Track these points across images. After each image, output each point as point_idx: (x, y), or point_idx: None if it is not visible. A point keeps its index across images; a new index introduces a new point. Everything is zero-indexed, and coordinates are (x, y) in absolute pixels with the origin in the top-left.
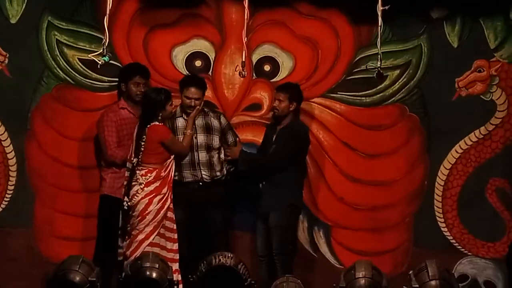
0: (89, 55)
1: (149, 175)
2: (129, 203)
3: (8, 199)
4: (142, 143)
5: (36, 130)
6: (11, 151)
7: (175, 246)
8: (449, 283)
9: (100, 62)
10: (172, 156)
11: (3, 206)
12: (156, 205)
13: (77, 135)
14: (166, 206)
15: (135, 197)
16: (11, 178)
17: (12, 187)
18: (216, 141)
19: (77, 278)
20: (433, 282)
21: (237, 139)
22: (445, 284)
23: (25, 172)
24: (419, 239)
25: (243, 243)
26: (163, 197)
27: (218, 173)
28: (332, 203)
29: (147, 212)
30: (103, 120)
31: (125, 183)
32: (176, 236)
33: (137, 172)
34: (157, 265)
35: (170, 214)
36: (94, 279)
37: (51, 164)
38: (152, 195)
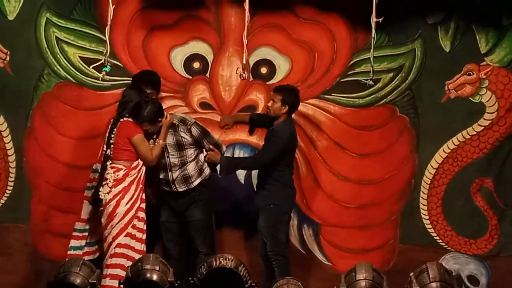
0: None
1: (117, 173)
2: (103, 197)
3: (8, 195)
4: (112, 136)
5: (35, 128)
6: (11, 148)
7: (143, 247)
8: (450, 285)
9: (101, 75)
10: None
11: (2, 201)
12: (124, 206)
13: (76, 134)
14: (135, 207)
15: (105, 197)
16: (11, 175)
17: (12, 183)
18: (190, 154)
19: (78, 281)
20: (433, 284)
21: (211, 146)
22: (445, 286)
23: (23, 168)
24: (404, 236)
25: (243, 242)
26: (131, 199)
27: (196, 181)
28: (322, 201)
29: (115, 214)
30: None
31: (94, 183)
32: (145, 236)
33: (108, 170)
34: (157, 267)
35: (141, 214)
36: (95, 281)
37: (48, 162)
38: (119, 196)
